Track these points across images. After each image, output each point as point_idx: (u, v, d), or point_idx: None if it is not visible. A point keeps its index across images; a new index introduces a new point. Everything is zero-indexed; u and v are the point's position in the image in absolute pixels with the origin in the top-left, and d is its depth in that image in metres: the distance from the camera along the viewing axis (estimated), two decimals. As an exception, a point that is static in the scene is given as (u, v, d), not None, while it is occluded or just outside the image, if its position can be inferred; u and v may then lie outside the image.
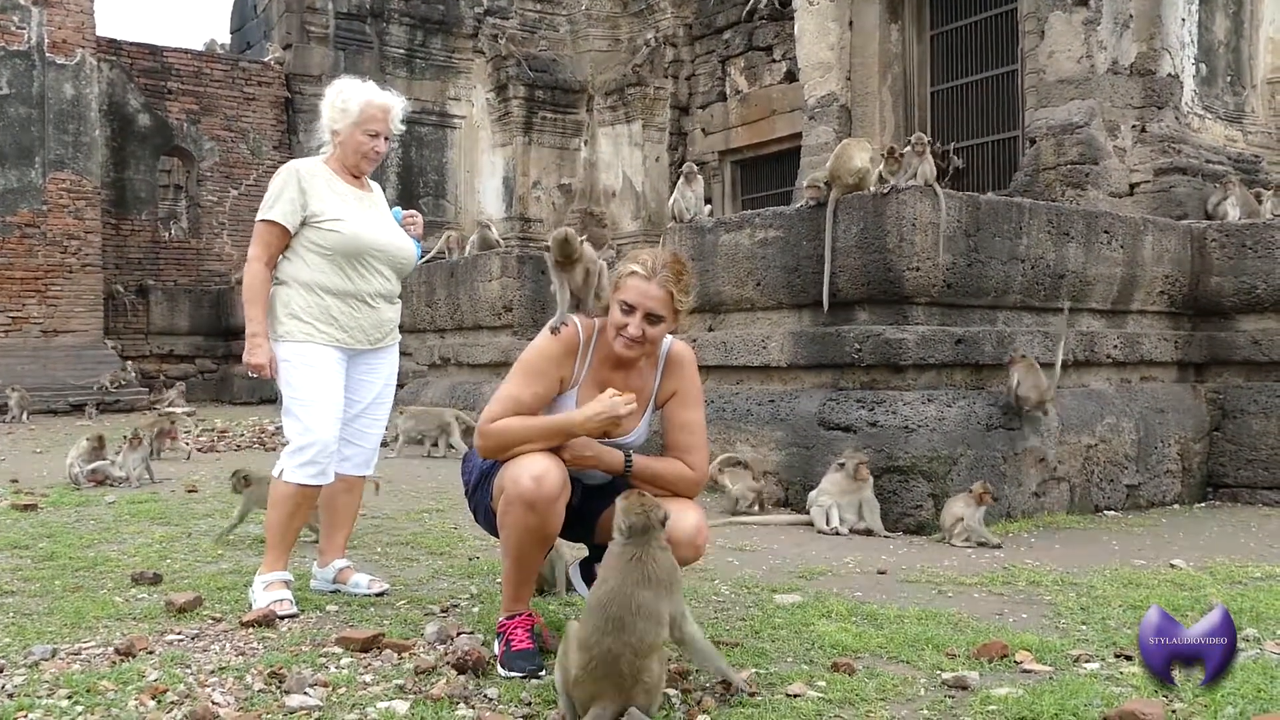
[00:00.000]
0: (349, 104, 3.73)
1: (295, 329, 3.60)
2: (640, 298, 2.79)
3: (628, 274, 2.83)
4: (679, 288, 2.83)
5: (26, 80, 13.98)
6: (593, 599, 2.40)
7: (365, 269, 3.70)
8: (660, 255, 2.86)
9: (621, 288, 2.83)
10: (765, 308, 6.31)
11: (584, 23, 18.77)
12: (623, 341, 2.83)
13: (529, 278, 9.43)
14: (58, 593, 3.65)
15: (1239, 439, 6.58)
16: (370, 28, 17.91)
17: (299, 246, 3.64)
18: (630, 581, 2.35)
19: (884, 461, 5.32)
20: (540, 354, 2.92)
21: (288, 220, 3.60)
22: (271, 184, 3.67)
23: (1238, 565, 4.44)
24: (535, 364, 2.91)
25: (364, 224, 3.72)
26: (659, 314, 2.81)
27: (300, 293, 3.62)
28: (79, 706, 2.47)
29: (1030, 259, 5.91)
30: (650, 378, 3.00)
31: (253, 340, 3.58)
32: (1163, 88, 8.57)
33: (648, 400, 3.00)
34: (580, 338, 2.93)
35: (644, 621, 2.31)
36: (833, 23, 11.44)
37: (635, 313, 2.80)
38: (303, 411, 3.57)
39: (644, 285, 2.79)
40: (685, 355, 3.06)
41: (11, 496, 6.06)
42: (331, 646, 2.99)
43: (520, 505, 2.72)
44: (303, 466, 3.56)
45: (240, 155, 17.39)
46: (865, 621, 3.35)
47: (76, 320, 14.37)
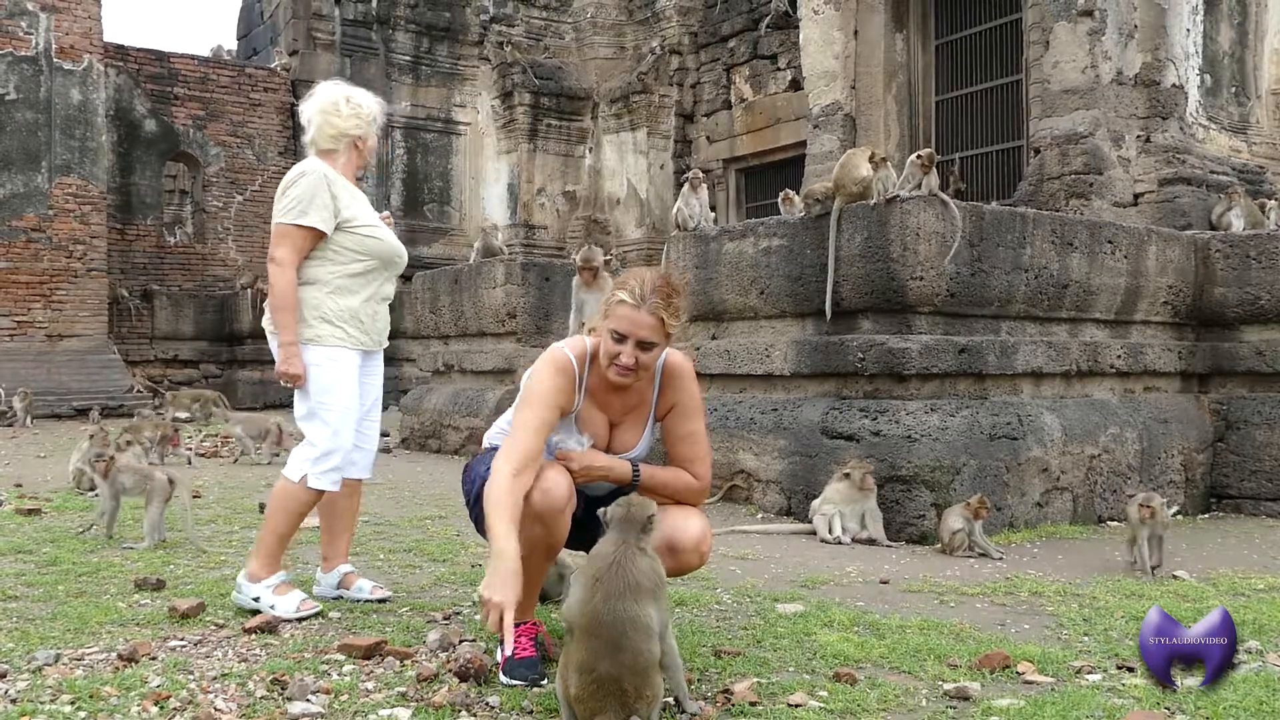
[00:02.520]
0: (370, 109, 3.77)
1: (327, 333, 3.59)
2: (631, 327, 2.75)
3: (616, 302, 2.78)
4: (669, 312, 2.78)
5: (34, 85, 14.02)
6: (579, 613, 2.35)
7: (387, 273, 3.78)
8: (648, 279, 2.80)
9: (611, 315, 2.79)
10: (769, 316, 6.32)
11: (589, 30, 18.81)
12: (616, 370, 2.80)
13: (533, 285, 9.44)
14: (61, 598, 3.66)
15: (1242, 450, 6.58)
16: (376, 34, 17.96)
17: (328, 249, 3.62)
18: (615, 594, 2.32)
19: (887, 471, 5.32)
20: (543, 386, 2.86)
21: (326, 225, 3.57)
22: (295, 187, 3.59)
23: (1241, 577, 4.43)
24: (539, 395, 2.84)
25: (387, 230, 3.81)
26: (651, 341, 2.78)
27: (331, 296, 3.61)
28: (82, 712, 2.48)
29: (1034, 269, 5.92)
30: (648, 392, 2.99)
31: (288, 349, 3.54)
32: (1167, 98, 8.58)
33: (647, 416, 3.00)
34: (575, 369, 2.90)
35: (638, 637, 2.31)
36: (838, 32, 11.47)
37: (627, 341, 2.76)
38: (333, 417, 3.56)
39: (634, 314, 2.75)
40: (682, 368, 3.03)
41: (15, 501, 6.07)
42: (334, 653, 2.99)
43: (527, 517, 2.71)
44: (328, 473, 3.56)
45: (246, 161, 17.43)
46: (867, 631, 3.35)
47: (81, 325, 14.38)
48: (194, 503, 6.19)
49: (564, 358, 2.90)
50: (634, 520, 2.45)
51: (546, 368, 2.89)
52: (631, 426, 2.99)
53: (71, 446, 7.65)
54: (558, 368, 2.88)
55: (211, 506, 6.03)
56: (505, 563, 2.52)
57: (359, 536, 4.96)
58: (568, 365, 2.89)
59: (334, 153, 3.72)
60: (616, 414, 2.98)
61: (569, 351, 2.92)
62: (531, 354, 8.15)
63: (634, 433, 2.97)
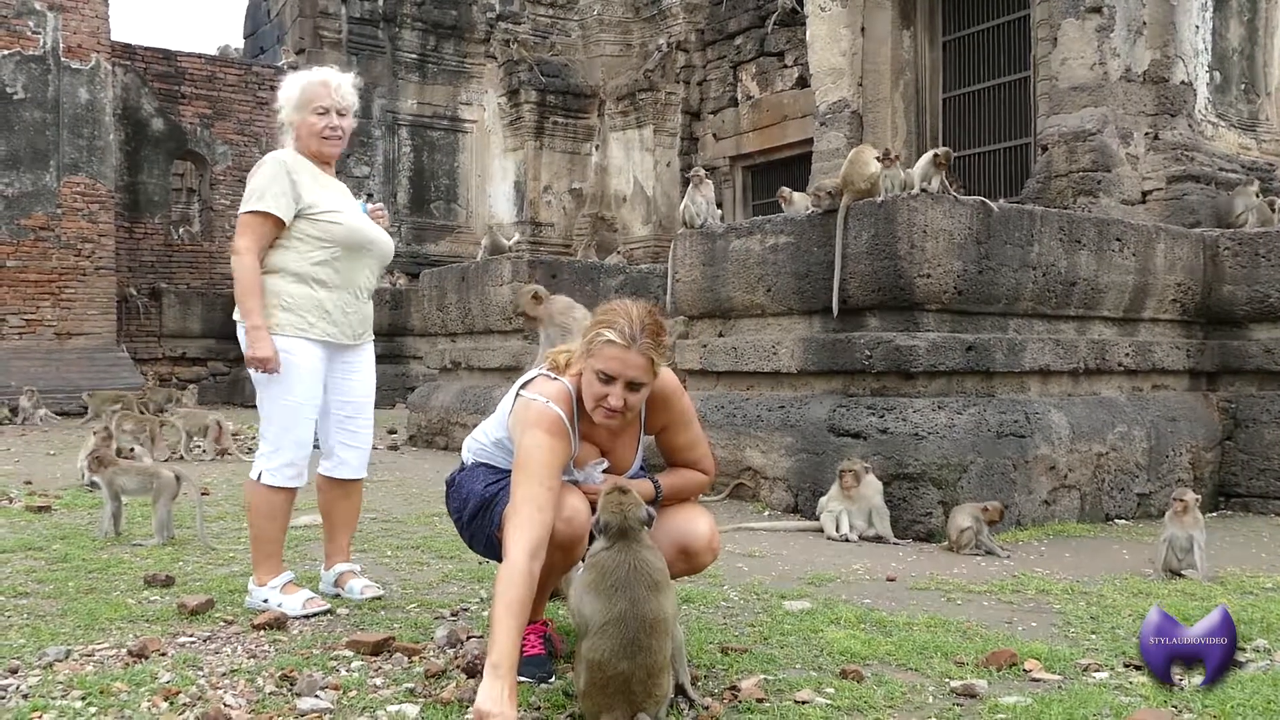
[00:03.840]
0: (290, 91, 3.68)
1: (287, 322, 3.51)
2: (621, 368, 2.63)
3: (604, 341, 2.64)
4: (659, 353, 2.68)
5: (42, 85, 14.07)
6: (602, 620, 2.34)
7: (359, 262, 3.67)
8: (635, 317, 2.66)
9: (598, 355, 2.65)
10: (776, 314, 6.32)
11: (595, 28, 18.81)
12: (603, 413, 2.69)
13: (539, 282, 9.42)
14: (71, 594, 3.68)
15: (1251, 448, 6.56)
16: (383, 33, 17.99)
17: (291, 238, 3.55)
18: (640, 599, 2.33)
19: (894, 468, 5.32)
20: (545, 468, 2.64)
21: (282, 211, 3.51)
22: (255, 176, 3.56)
23: (1249, 575, 4.42)
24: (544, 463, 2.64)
25: (358, 217, 3.70)
26: (640, 381, 2.67)
27: (293, 284, 3.54)
28: (92, 708, 2.49)
29: (1042, 266, 5.91)
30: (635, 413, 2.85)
31: (255, 334, 3.44)
32: (1176, 95, 8.55)
33: (636, 433, 2.94)
34: (567, 424, 2.73)
35: (658, 639, 2.32)
36: (845, 29, 11.44)
37: (615, 383, 2.64)
38: (286, 413, 3.53)
39: (624, 354, 2.62)
40: (670, 389, 2.89)
41: (25, 498, 6.10)
42: (342, 650, 3.00)
43: (551, 548, 2.62)
44: (284, 468, 3.54)
45: (253, 159, 17.27)
46: (874, 628, 3.35)
47: (90, 323, 14.44)
48: (203, 500, 6.22)
49: (554, 417, 2.70)
50: (633, 525, 2.45)
51: (541, 434, 2.67)
52: (623, 448, 2.93)
53: (80, 444, 7.68)
54: (551, 430, 2.69)
55: (220, 504, 6.05)
56: (506, 679, 2.32)
57: (367, 533, 4.98)
58: (559, 424, 2.71)
59: (293, 140, 3.70)
60: (606, 442, 2.89)
61: (556, 407, 2.72)
62: (538, 352, 8.15)
63: (626, 452, 2.93)
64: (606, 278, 9.91)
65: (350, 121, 3.74)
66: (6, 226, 13.82)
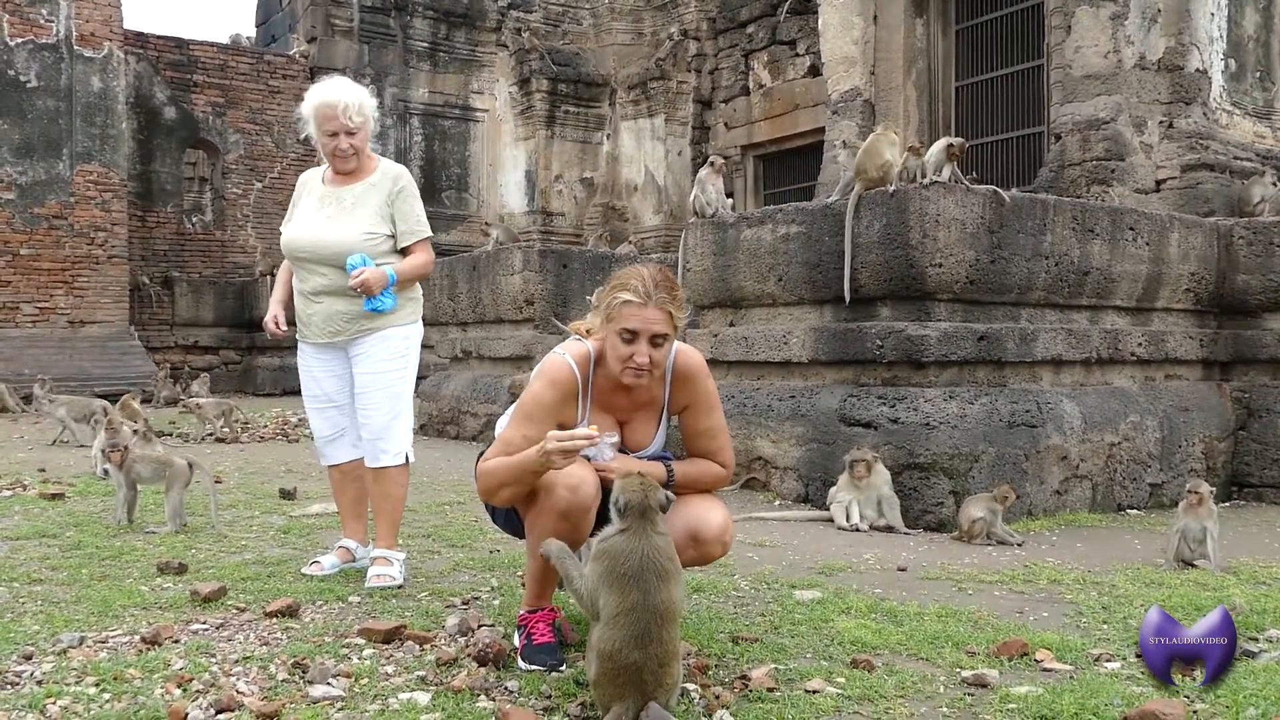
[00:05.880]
0: (305, 111, 3.88)
1: (297, 331, 4.02)
2: (643, 324, 2.72)
3: (621, 302, 2.74)
4: (675, 305, 2.77)
5: (54, 73, 14.10)
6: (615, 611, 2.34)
7: (304, 268, 3.91)
8: (647, 276, 2.77)
9: (617, 316, 2.74)
10: (787, 303, 6.30)
11: (607, 16, 18.76)
12: (631, 373, 2.76)
13: (551, 271, 9.45)
14: (85, 581, 3.70)
15: (1265, 438, 6.53)
16: (395, 21, 17.97)
17: None
18: (653, 589, 2.33)
19: (905, 458, 5.31)
20: (537, 402, 2.84)
21: (283, 229, 3.99)
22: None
23: (1262, 565, 4.41)
24: (531, 411, 2.84)
25: (303, 225, 3.88)
26: (663, 334, 2.75)
27: (294, 294, 4.03)
28: (106, 694, 2.51)
29: (1054, 256, 5.88)
30: (658, 389, 2.94)
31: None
32: (1190, 83, 8.49)
33: (658, 412, 2.98)
34: (578, 379, 2.86)
35: (669, 629, 2.32)
36: (857, 17, 11.39)
37: (639, 339, 2.73)
38: (306, 406, 4.10)
39: (643, 311, 2.72)
40: (694, 367, 2.97)
41: (39, 486, 6.13)
42: (354, 637, 3.01)
43: (554, 515, 2.70)
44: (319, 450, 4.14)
45: (265, 148, 17.50)
46: (885, 618, 3.35)
47: (103, 311, 14.49)
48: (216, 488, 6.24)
49: (562, 364, 2.85)
50: (652, 507, 2.44)
51: (542, 383, 2.85)
52: (643, 423, 2.96)
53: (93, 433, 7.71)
54: (553, 380, 2.84)
55: (233, 492, 6.08)
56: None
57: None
58: (566, 375, 2.84)
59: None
60: (625, 413, 2.94)
61: (570, 358, 2.86)
62: (549, 341, 8.17)
63: (646, 429, 2.95)
64: (617, 267, 9.88)
65: (363, 136, 3.88)
66: (20, 215, 13.86)
